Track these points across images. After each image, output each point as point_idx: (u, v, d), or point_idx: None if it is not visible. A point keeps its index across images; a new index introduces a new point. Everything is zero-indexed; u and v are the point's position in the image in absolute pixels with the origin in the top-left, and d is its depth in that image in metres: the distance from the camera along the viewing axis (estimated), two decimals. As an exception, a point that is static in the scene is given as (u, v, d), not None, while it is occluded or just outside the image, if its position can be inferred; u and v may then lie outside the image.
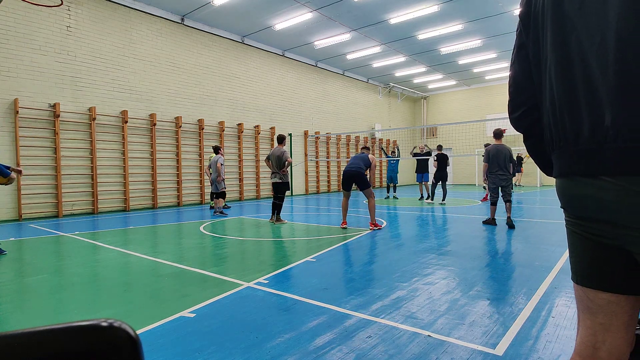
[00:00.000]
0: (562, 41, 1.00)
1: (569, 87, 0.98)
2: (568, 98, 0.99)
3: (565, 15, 0.99)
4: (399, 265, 4.45)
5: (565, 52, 0.99)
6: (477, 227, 7.17)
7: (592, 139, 0.93)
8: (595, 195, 0.95)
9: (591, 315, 1.04)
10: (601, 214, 0.96)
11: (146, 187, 11.51)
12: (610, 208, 0.92)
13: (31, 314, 3.13)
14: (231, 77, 13.93)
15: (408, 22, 13.16)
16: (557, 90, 1.01)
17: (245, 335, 2.63)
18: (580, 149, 0.96)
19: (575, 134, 0.97)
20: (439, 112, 24.64)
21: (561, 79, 1.00)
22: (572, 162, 0.99)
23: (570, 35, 0.97)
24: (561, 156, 1.04)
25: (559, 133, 1.03)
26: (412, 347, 2.41)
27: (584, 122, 0.95)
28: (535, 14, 1.10)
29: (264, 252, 5.38)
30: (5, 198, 8.95)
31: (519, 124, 1.25)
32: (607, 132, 0.89)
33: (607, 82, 0.89)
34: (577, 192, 1.00)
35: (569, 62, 0.98)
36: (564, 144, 1.01)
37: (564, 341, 2.47)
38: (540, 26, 1.08)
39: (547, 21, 1.04)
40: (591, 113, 0.93)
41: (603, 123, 0.90)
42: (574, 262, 1.09)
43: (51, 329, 0.38)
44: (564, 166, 1.03)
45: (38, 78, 9.39)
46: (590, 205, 0.97)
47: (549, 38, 1.04)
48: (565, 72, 0.99)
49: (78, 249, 5.60)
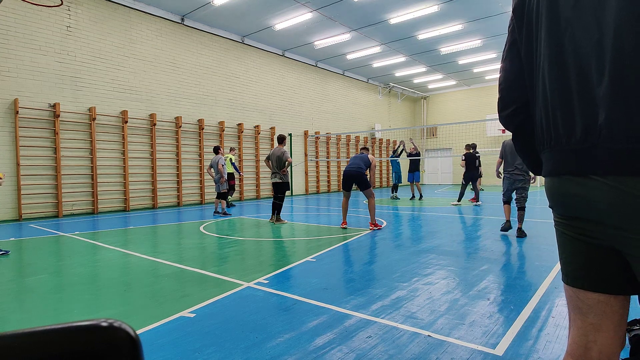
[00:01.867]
0: (557, 39, 0.98)
1: (563, 86, 0.97)
2: (561, 97, 0.98)
3: (561, 13, 0.98)
4: (399, 265, 4.45)
5: (560, 51, 0.98)
6: (477, 227, 7.17)
7: (585, 138, 0.92)
8: (585, 194, 0.94)
9: (582, 315, 1.04)
10: (591, 214, 0.95)
11: (146, 187, 11.51)
12: (600, 208, 0.92)
13: (31, 314, 3.13)
14: (231, 77, 13.93)
15: (408, 22, 13.15)
16: (550, 88, 1.01)
17: (245, 335, 2.63)
18: (573, 148, 0.96)
19: (568, 133, 0.96)
20: (439, 112, 24.64)
21: (555, 78, 0.99)
22: (564, 161, 0.99)
23: (565, 33, 0.96)
24: (552, 155, 1.03)
25: (550, 132, 1.02)
26: (412, 347, 2.41)
27: (577, 122, 0.94)
28: (529, 11, 1.08)
29: (264, 252, 5.38)
30: (5, 198, 8.95)
31: (509, 122, 1.23)
32: (600, 132, 0.89)
33: (602, 82, 0.88)
34: (567, 191, 0.99)
35: (563, 61, 0.97)
36: (556, 143, 1.00)
37: (564, 341, 2.47)
38: (534, 23, 1.07)
39: (542, 18, 1.03)
40: (585, 112, 0.92)
41: (597, 123, 0.90)
42: (564, 263, 1.09)
43: (51, 329, 0.38)
44: (554, 165, 1.03)
45: (38, 78, 9.39)
46: (580, 204, 0.97)
47: (543, 36, 1.03)
48: (559, 70, 0.98)
49: (78, 249, 5.60)
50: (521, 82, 1.16)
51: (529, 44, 1.10)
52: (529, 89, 1.13)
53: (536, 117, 1.09)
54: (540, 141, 1.09)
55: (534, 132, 1.15)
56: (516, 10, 1.14)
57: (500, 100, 1.23)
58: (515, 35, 1.16)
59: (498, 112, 1.25)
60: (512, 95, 1.19)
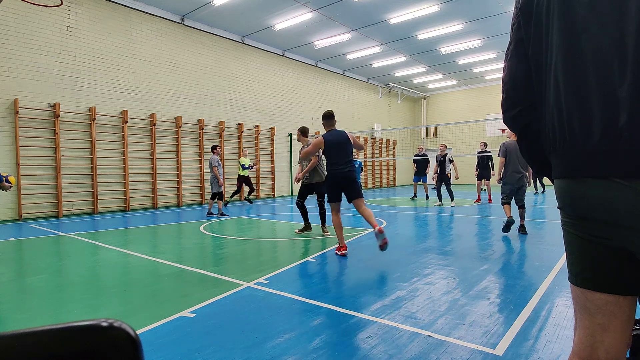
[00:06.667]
0: (572, 38, 0.95)
1: (580, 87, 0.94)
2: (578, 98, 0.95)
3: (576, 11, 0.95)
4: (399, 265, 4.45)
5: (576, 50, 0.95)
6: (477, 227, 7.17)
7: (604, 139, 0.90)
8: (604, 196, 0.92)
9: (589, 315, 1.03)
10: (607, 215, 0.93)
11: (146, 187, 11.51)
12: (619, 209, 0.90)
13: (31, 314, 3.12)
14: (231, 77, 13.93)
15: (408, 22, 13.15)
16: (565, 89, 0.98)
17: (245, 335, 2.63)
18: (590, 150, 0.93)
19: (585, 134, 0.94)
20: (439, 112, 24.63)
21: (570, 78, 0.96)
22: (580, 162, 0.96)
23: (581, 32, 0.93)
24: (565, 156, 1.00)
25: (564, 133, 0.99)
26: (412, 347, 2.41)
27: (595, 123, 0.92)
28: (538, 8, 1.05)
29: (264, 252, 5.38)
30: (6, 198, 8.95)
31: (515, 123, 1.20)
32: (621, 133, 0.87)
33: (624, 83, 0.86)
34: (583, 193, 0.97)
35: (580, 61, 0.94)
36: (571, 144, 0.98)
37: (564, 341, 2.47)
38: (543, 21, 1.04)
39: (553, 16, 1.00)
40: (604, 114, 0.90)
41: (617, 124, 0.87)
42: (572, 264, 1.07)
43: (51, 329, 0.38)
44: (568, 167, 1.00)
45: (38, 78, 9.38)
46: (596, 206, 0.95)
47: (555, 34, 0.99)
48: (575, 70, 0.95)
49: (78, 249, 5.60)
50: (527, 82, 1.13)
51: (538, 43, 1.06)
52: (537, 88, 1.10)
53: (546, 118, 1.06)
54: (551, 142, 1.05)
55: (539, 133, 1.12)
56: (523, 8, 1.10)
57: (505, 100, 1.20)
58: (520, 33, 1.13)
59: (503, 112, 1.22)
60: (519, 96, 1.16)
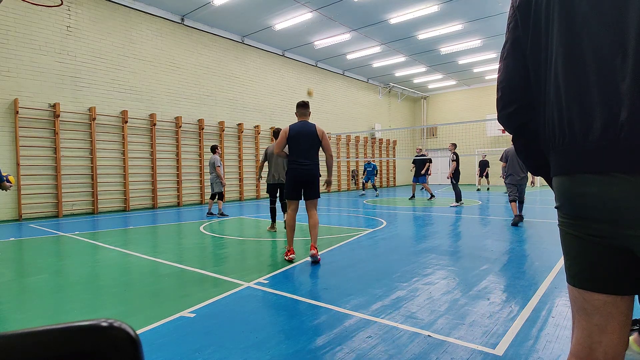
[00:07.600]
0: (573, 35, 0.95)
1: (580, 83, 0.94)
2: (579, 94, 0.95)
3: (576, 8, 0.95)
4: (399, 265, 4.44)
5: (577, 47, 0.95)
6: (477, 227, 7.17)
7: (604, 135, 0.90)
8: (603, 192, 0.91)
9: (587, 316, 1.03)
10: (607, 213, 0.93)
11: (146, 187, 11.51)
12: (620, 205, 0.89)
13: (31, 314, 3.12)
14: (231, 77, 13.93)
15: (408, 22, 13.16)
16: (566, 86, 0.97)
17: (245, 335, 2.63)
18: (590, 145, 0.93)
19: (585, 130, 0.93)
20: (439, 112, 24.63)
21: (571, 75, 0.96)
22: (580, 159, 0.96)
23: (582, 28, 0.93)
24: (564, 153, 1.00)
25: (564, 129, 0.99)
26: (412, 347, 2.41)
27: (595, 119, 0.91)
28: (537, 6, 1.05)
29: (264, 252, 5.37)
30: (6, 198, 8.95)
31: (510, 121, 1.19)
32: (622, 129, 0.86)
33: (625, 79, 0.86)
34: (580, 190, 0.97)
35: (580, 58, 0.94)
36: (570, 141, 0.97)
37: (564, 341, 2.47)
38: (542, 19, 1.03)
39: (553, 14, 1.00)
40: (605, 109, 0.90)
41: (618, 119, 0.87)
42: (570, 264, 1.07)
43: (51, 329, 0.38)
44: (567, 164, 1.00)
45: (38, 78, 9.38)
46: (596, 203, 0.94)
47: (556, 31, 0.99)
48: (576, 67, 0.95)
49: (78, 249, 5.60)
50: (524, 81, 1.12)
51: (537, 41, 1.06)
52: (535, 87, 1.10)
53: (545, 116, 1.06)
54: (550, 139, 1.05)
55: (536, 132, 1.12)
56: (521, 6, 1.10)
57: (501, 99, 1.19)
58: (517, 32, 1.12)
59: (497, 110, 1.21)
60: (514, 94, 1.16)
